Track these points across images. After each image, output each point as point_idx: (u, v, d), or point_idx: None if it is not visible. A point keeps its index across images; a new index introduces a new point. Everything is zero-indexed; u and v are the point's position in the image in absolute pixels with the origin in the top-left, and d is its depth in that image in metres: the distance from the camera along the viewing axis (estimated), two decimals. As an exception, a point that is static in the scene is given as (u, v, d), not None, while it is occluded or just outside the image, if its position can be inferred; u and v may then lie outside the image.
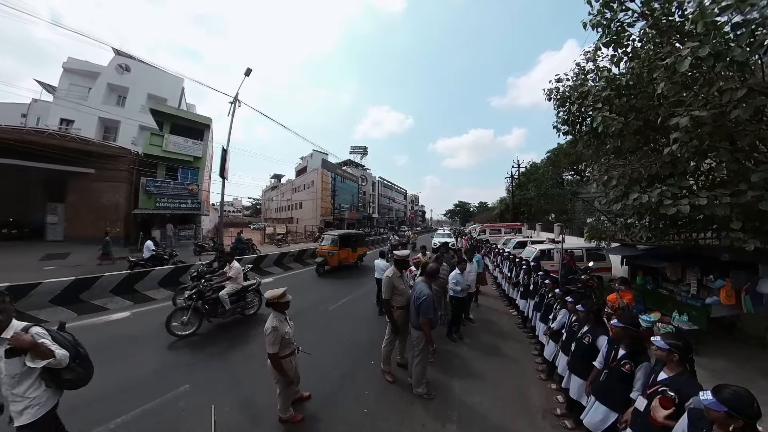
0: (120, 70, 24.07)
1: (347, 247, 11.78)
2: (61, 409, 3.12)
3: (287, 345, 2.80)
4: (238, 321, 6.14)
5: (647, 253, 6.80)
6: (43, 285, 6.09)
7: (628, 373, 2.15)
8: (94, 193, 17.17)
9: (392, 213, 67.20)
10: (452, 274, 5.38)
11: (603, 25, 5.11)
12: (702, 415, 1.47)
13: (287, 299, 2.89)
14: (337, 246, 11.20)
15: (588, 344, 2.71)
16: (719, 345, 5.09)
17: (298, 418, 3.01)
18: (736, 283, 4.97)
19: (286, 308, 2.89)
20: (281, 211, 50.33)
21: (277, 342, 2.68)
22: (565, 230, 9.68)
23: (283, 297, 2.84)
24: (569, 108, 6.31)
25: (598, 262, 8.57)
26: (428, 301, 3.36)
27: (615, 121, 4.68)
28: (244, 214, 73.11)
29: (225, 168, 9.97)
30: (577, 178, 22.38)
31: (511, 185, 31.00)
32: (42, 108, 23.24)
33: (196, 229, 21.20)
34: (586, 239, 9.21)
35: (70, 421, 2.92)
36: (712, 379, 4.08)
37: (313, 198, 36.57)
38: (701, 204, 3.71)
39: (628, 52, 5.32)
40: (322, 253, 11.19)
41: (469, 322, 6.23)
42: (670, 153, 4.02)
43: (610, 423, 2.22)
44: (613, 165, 5.06)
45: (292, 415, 3.01)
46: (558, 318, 3.56)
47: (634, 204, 4.20)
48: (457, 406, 3.41)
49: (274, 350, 2.69)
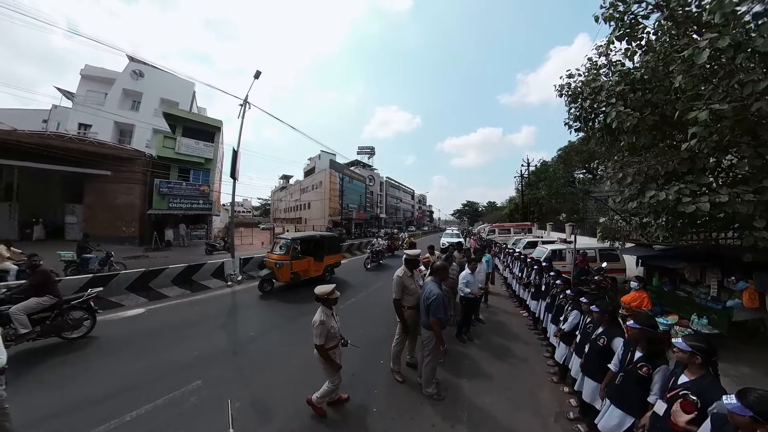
0: (134, 75, 24.83)
1: (308, 256, 8.98)
2: (76, 402, 3.23)
3: (332, 338, 2.99)
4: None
5: (664, 253, 6.58)
6: (63, 281, 6.33)
7: (645, 376, 2.07)
8: (110, 195, 17.76)
9: (400, 213, 67.09)
10: (463, 273, 5.31)
11: (616, 18, 4.97)
12: (726, 420, 1.41)
13: (336, 296, 3.07)
14: (288, 255, 8.20)
15: (603, 346, 2.63)
16: (741, 350, 4.87)
17: (323, 412, 3.14)
18: (760, 285, 4.75)
19: (334, 304, 3.08)
20: (290, 212, 50.88)
21: (323, 335, 2.88)
22: (577, 230, 9.45)
23: (332, 294, 3.02)
24: (581, 104, 6.17)
25: (612, 262, 8.33)
26: (438, 300, 3.33)
27: (630, 117, 4.53)
28: (253, 214, 74.29)
29: (236, 169, 10.10)
30: (590, 176, 21.87)
31: (521, 184, 30.49)
32: (62, 114, 24.18)
33: (207, 229, 21.65)
34: (599, 239, 8.99)
35: (88, 414, 3.03)
36: (734, 386, 3.87)
37: (322, 198, 36.83)
38: (722, 201, 3.57)
39: (643, 45, 5.15)
40: (269, 264, 8.34)
41: (479, 323, 6.15)
42: (689, 149, 3.88)
43: (626, 427, 2.14)
44: (628, 162, 4.91)
45: (323, 407, 3.15)
46: (569, 319, 3.47)
47: (651, 202, 4.06)
48: (467, 407, 3.37)
49: (320, 342, 2.88)
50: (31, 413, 2.98)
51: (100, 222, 17.29)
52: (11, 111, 22.87)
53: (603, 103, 5.17)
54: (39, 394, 3.36)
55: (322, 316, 2.93)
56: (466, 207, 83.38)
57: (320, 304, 3.03)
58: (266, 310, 6.99)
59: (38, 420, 2.91)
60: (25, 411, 2.95)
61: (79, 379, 3.72)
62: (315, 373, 3.56)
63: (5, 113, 21.90)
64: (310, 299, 4.89)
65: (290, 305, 7.24)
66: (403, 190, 70.73)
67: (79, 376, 3.81)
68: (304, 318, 6.31)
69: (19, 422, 2.72)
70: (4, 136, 14.33)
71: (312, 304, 3.32)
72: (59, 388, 3.50)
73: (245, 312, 6.89)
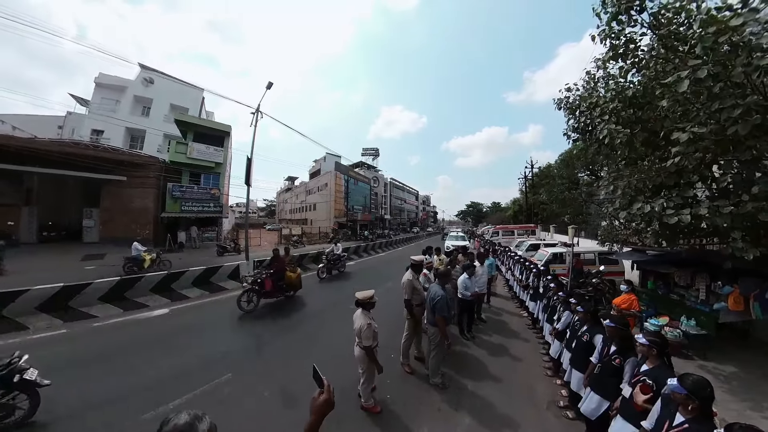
0: (145, 83, 25.61)
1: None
2: (123, 391, 3.65)
3: (375, 338, 3.17)
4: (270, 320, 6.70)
5: (656, 258, 6.92)
6: (93, 284, 6.87)
7: (618, 366, 2.48)
8: (125, 199, 18.45)
9: (404, 214, 67.42)
10: (461, 279, 5.64)
11: (611, 38, 5.32)
12: (671, 398, 1.82)
13: (375, 300, 3.25)
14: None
15: (586, 342, 3.04)
16: (730, 351, 5.22)
17: (377, 409, 3.28)
18: (744, 289, 5.08)
19: (372, 307, 3.25)
20: (295, 213, 51.55)
21: (372, 336, 3.04)
22: (580, 233, 9.78)
23: (372, 298, 3.21)
24: (578, 117, 6.55)
25: (610, 266, 8.67)
26: (442, 301, 3.78)
27: (621, 134, 4.92)
28: (258, 215, 75.17)
29: (250, 176, 10.62)
30: (593, 178, 21.97)
31: (525, 186, 30.68)
32: (76, 120, 25.08)
33: (218, 231, 22.28)
34: (600, 242, 9.31)
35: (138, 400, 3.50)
36: (719, 383, 4.24)
37: (327, 200, 37.38)
38: (703, 213, 3.93)
39: (637, 62, 5.50)
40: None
41: (480, 322, 6.56)
42: (674, 164, 4.25)
43: (603, 410, 2.55)
44: (619, 175, 5.28)
45: (373, 404, 3.32)
46: (562, 319, 3.89)
47: (638, 213, 4.44)
48: (469, 395, 3.80)
49: (370, 343, 3.03)
50: (82, 401, 3.43)
51: (116, 225, 17.99)
52: (27, 117, 23.78)
53: (597, 119, 5.55)
54: (90, 386, 3.80)
55: (367, 320, 3.06)
56: (470, 208, 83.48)
57: (360, 308, 3.19)
58: (283, 310, 7.47)
59: (99, 403, 3.40)
60: (77, 401, 3.41)
61: (123, 372, 4.19)
62: (337, 366, 4.02)
63: (21, 118, 22.82)
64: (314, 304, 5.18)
65: (304, 307, 7.71)
66: (407, 191, 71.07)
67: (121, 369, 4.27)
68: (319, 318, 6.80)
69: (78, 406, 3.21)
70: (26, 144, 15.04)
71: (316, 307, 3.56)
72: (106, 380, 3.96)
73: (262, 311, 7.37)
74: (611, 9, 5.03)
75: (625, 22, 5.10)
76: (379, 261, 16.82)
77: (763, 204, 3.72)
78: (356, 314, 3.25)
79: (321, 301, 8.15)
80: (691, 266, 6.06)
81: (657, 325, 5.41)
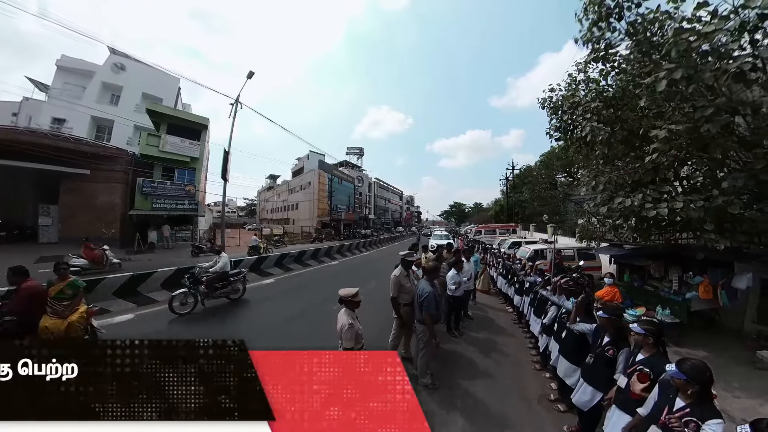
0: (115, 68, 23.65)
1: None
2: None
3: (359, 340, 2.93)
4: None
5: (633, 252, 7.25)
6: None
7: (611, 357, 2.48)
8: (88, 194, 17.06)
9: (388, 213, 67.56)
10: (449, 274, 5.60)
11: (592, 42, 5.52)
12: (669, 384, 1.81)
13: (359, 298, 3.01)
14: None
15: (578, 334, 3.05)
16: (700, 337, 5.49)
17: None
18: (712, 279, 5.41)
19: (357, 306, 3.01)
20: (277, 212, 50.19)
21: (353, 338, 2.81)
22: (559, 231, 10.13)
23: (356, 296, 2.97)
24: (561, 116, 6.72)
25: (589, 261, 9.02)
26: (430, 297, 3.62)
27: (602, 131, 5.07)
28: (238, 214, 72.53)
29: (227, 170, 10.10)
30: (570, 179, 23.07)
31: (506, 187, 31.63)
32: (34, 106, 22.82)
33: (193, 230, 21.14)
34: (578, 239, 9.68)
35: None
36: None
37: (310, 199, 36.66)
38: (678, 207, 4.12)
39: (616, 66, 5.75)
40: None
41: (467, 319, 6.56)
42: (652, 161, 4.43)
43: (596, 401, 2.55)
44: (600, 171, 5.46)
45: None
46: (548, 314, 3.92)
47: (619, 207, 4.59)
48: (460, 395, 3.71)
49: (351, 345, 2.80)
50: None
51: (78, 223, 16.59)
52: (-25, 103, 21.51)
53: (580, 117, 5.72)
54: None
55: (349, 319, 2.86)
56: (453, 208, 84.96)
57: (343, 307, 2.97)
58: (270, 308, 7.12)
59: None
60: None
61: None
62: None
63: (-32, 105, 20.61)
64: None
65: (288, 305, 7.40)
66: (391, 190, 71.27)
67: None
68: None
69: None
70: (-27, 132, 13.57)
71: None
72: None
73: (245, 312, 6.99)
74: (592, 16, 5.21)
75: (605, 28, 5.30)
76: (364, 259, 16.65)
77: (731, 198, 3.95)
78: (339, 313, 3.02)
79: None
80: (664, 259, 6.38)
81: (634, 315, 5.62)
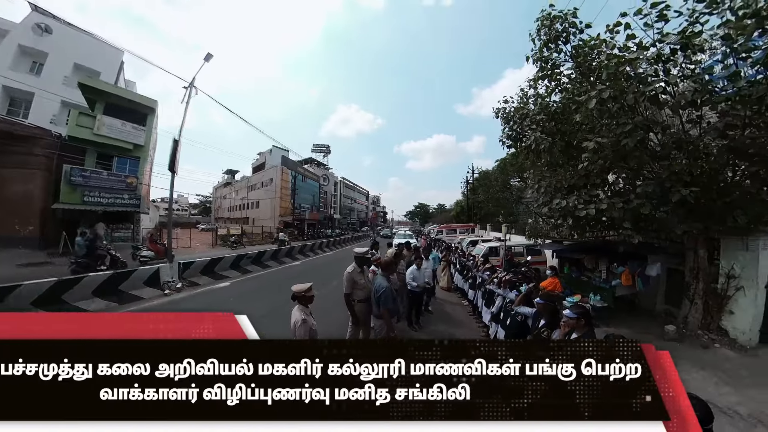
0: (38, 30, 18.93)
1: None
2: None
3: (313, 336, 2.85)
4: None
5: (570, 247, 8.23)
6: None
7: (546, 338, 2.85)
8: (-4, 183, 14.17)
9: (354, 213, 67.29)
10: (409, 270, 5.83)
11: (541, 60, 6.21)
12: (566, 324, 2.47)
13: (312, 293, 2.95)
14: None
15: (520, 320, 3.44)
16: (623, 319, 6.40)
17: None
18: (631, 269, 6.37)
19: (310, 302, 2.95)
20: (235, 211, 47.18)
21: (306, 334, 2.75)
22: (512, 230, 11.09)
23: (309, 291, 2.91)
24: (512, 126, 7.39)
25: (536, 256, 10.03)
26: (387, 292, 3.69)
27: (545, 141, 5.73)
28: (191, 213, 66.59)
29: (176, 161, 9.21)
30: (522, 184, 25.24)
31: (466, 189, 33.45)
32: None
33: (134, 229, 18.74)
34: (527, 237, 10.69)
35: None
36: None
37: (272, 197, 35.12)
38: (603, 208, 4.82)
39: (559, 85, 6.52)
40: None
41: (427, 313, 6.89)
42: (583, 168, 5.12)
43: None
44: (543, 176, 6.14)
45: None
46: (496, 303, 4.36)
47: (557, 207, 5.22)
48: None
49: None
50: None
51: (-20, 219, 13.84)
52: None
53: (527, 128, 6.36)
54: None
55: (302, 315, 2.81)
56: (418, 209, 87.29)
57: (296, 303, 2.91)
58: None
59: None
60: None
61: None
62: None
63: None
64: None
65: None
66: (357, 190, 71.09)
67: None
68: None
69: None
70: None
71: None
72: None
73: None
74: (544, 37, 5.85)
75: (553, 48, 5.98)
76: (328, 259, 16.47)
77: (644, 201, 4.73)
78: (293, 310, 2.96)
79: None
80: (595, 252, 7.36)
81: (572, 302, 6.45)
